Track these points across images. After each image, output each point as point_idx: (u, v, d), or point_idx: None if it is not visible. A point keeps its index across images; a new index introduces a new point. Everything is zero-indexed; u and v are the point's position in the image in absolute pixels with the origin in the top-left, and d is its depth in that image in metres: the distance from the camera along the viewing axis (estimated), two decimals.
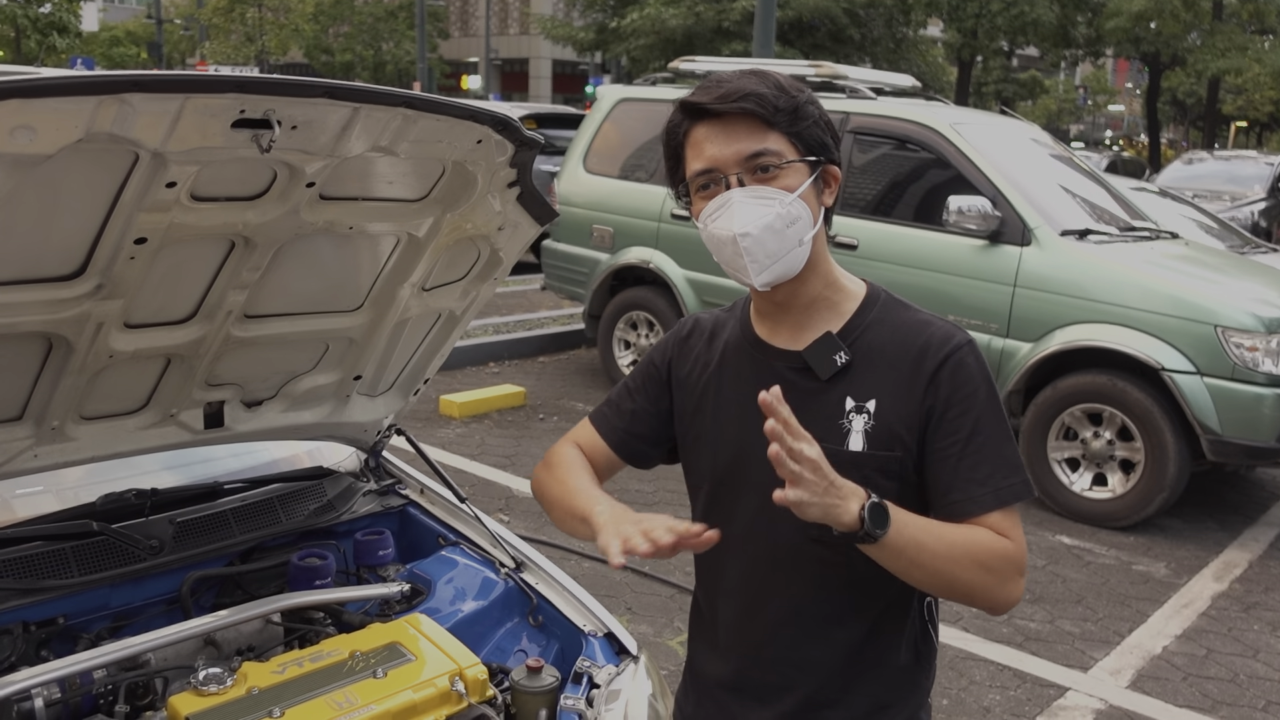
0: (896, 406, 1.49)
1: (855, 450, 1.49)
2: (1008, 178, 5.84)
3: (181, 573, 2.31)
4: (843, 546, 1.49)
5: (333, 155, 1.74)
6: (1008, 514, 1.47)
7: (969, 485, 1.46)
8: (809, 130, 1.48)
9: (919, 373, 1.49)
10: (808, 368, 1.54)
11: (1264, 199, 15.70)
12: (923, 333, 1.52)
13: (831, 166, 1.52)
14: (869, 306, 1.57)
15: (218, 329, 2.08)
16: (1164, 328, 5.21)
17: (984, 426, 1.47)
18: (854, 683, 1.59)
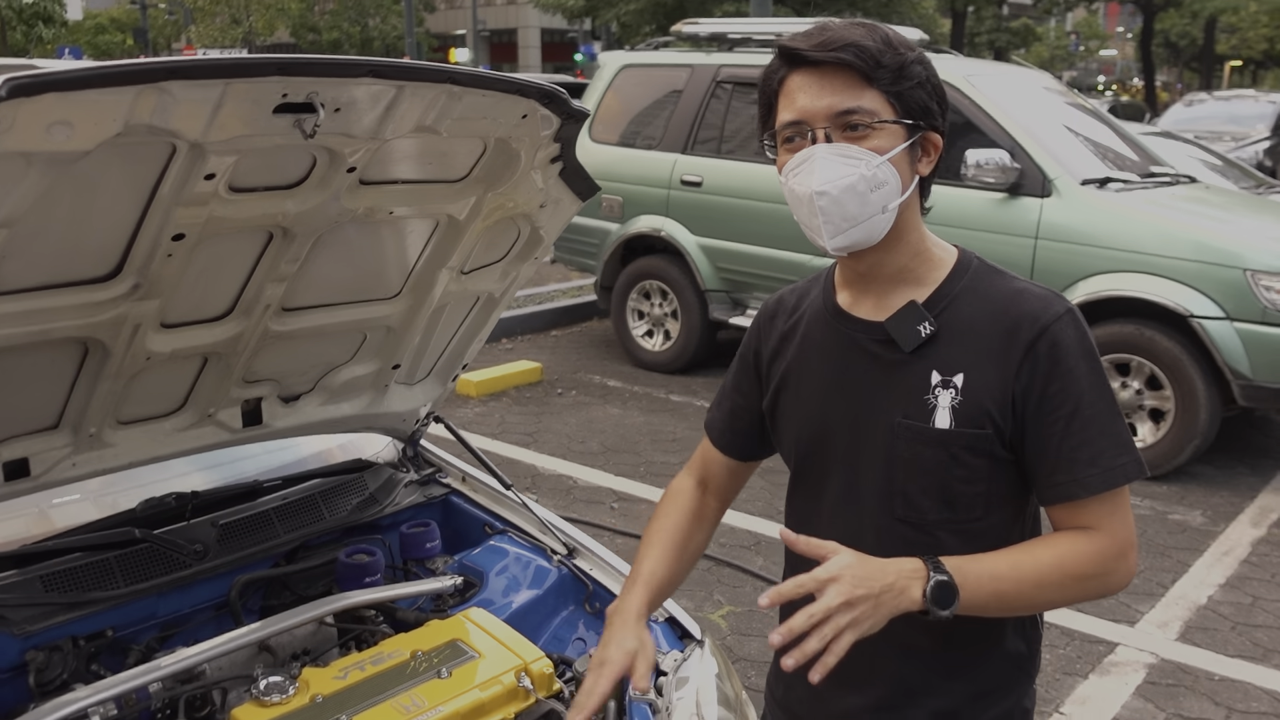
0: (987, 382, 1.40)
1: (942, 428, 1.41)
2: (1024, 129, 5.73)
3: (228, 577, 2.24)
4: (932, 526, 1.44)
5: (376, 138, 1.65)
6: (1115, 494, 1.39)
7: (1074, 466, 1.38)
8: (912, 91, 1.38)
9: (1012, 347, 1.39)
10: (890, 339, 1.45)
11: (1268, 138, 15.56)
12: (1017, 303, 1.42)
13: (933, 134, 1.42)
14: (959, 275, 1.47)
15: (255, 324, 2.00)
16: (1191, 274, 5.12)
17: (1088, 403, 1.37)
18: (954, 669, 1.51)
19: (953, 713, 1.37)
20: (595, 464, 5.55)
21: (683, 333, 7.07)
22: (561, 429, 6.11)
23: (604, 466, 5.51)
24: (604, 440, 5.92)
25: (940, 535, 1.44)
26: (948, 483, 1.42)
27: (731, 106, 6.82)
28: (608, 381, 7.04)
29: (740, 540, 4.61)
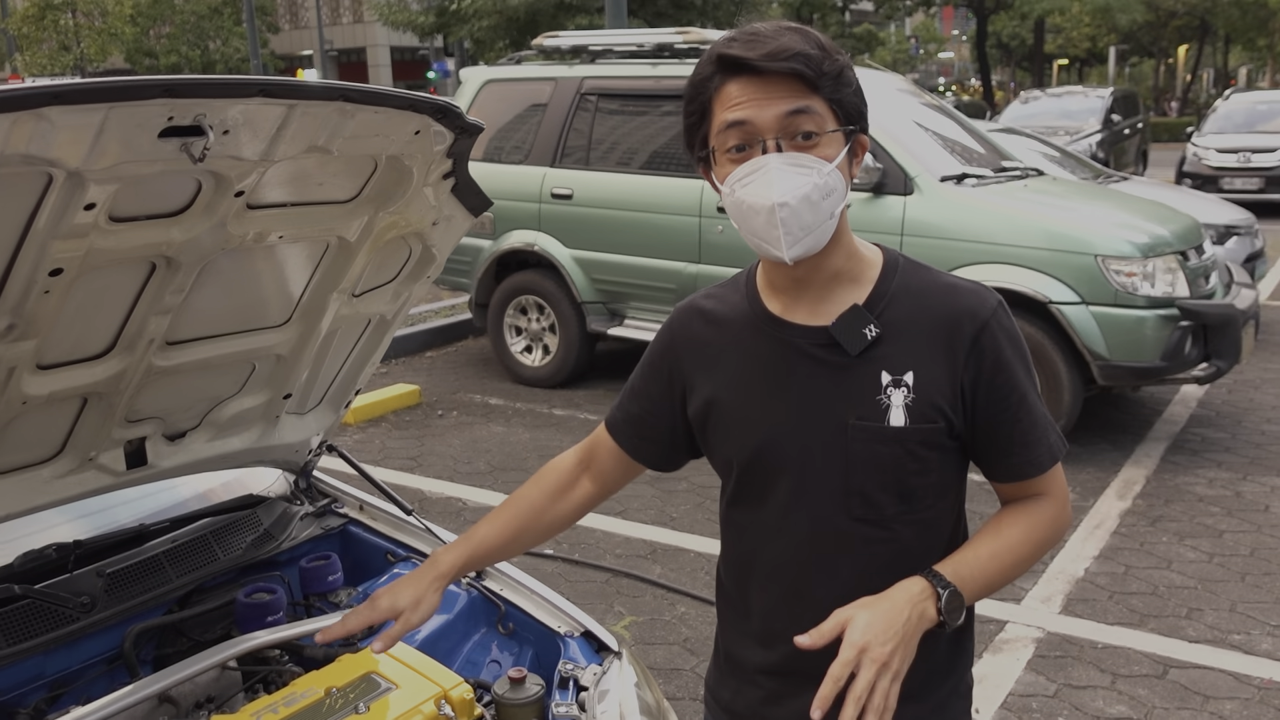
0: (935, 377, 1.43)
1: (898, 426, 1.43)
2: (885, 129, 5.92)
3: (119, 628, 2.13)
4: (890, 521, 1.47)
5: (266, 160, 1.59)
6: (1057, 465, 1.52)
7: (1026, 448, 1.47)
8: (850, 98, 1.39)
9: (956, 341, 1.43)
10: (833, 343, 1.46)
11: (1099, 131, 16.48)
12: (953, 298, 1.46)
13: (863, 136, 1.44)
14: (890, 273, 1.49)
15: (139, 360, 1.91)
16: (1047, 262, 5.37)
17: (1026, 388, 1.46)
18: (937, 695, 1.57)
19: (908, 695, 1.40)
20: (484, 484, 5.48)
21: (562, 346, 7.05)
22: (446, 451, 6.01)
23: (493, 486, 5.45)
24: (490, 459, 5.85)
25: (897, 529, 1.47)
26: (903, 477, 1.45)
27: (598, 118, 6.84)
28: (489, 400, 6.97)
29: (636, 550, 4.62)
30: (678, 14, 22.45)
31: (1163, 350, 5.27)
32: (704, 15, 22.92)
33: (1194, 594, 4.12)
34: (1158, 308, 5.28)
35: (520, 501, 1.72)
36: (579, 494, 1.73)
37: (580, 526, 4.88)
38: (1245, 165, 15.47)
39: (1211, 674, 3.54)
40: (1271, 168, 15.29)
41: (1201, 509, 4.97)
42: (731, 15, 23.79)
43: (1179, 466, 5.51)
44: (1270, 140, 15.52)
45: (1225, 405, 6.54)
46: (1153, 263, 5.33)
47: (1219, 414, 6.38)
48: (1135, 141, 18.04)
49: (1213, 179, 15.34)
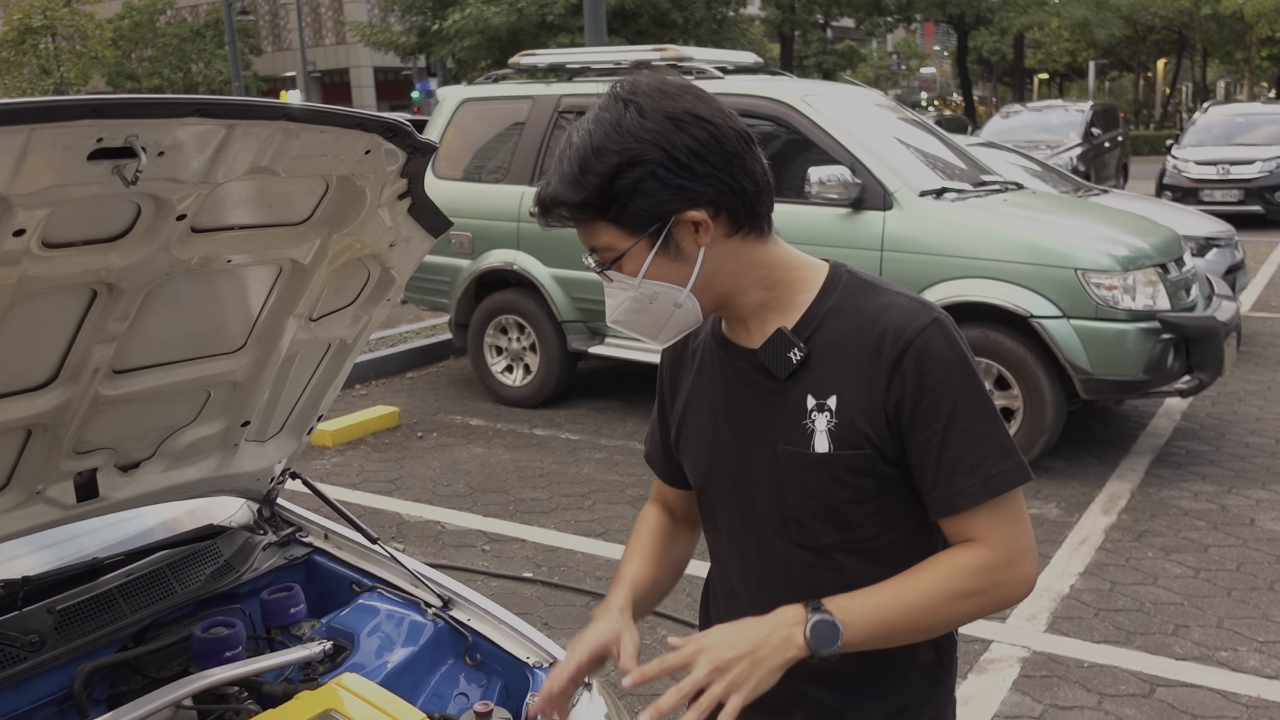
0: (859, 401, 1.37)
1: (821, 452, 1.39)
2: (863, 145, 5.89)
3: (70, 667, 2.05)
4: (829, 550, 1.43)
5: (206, 181, 1.54)
6: (1001, 502, 1.35)
7: (954, 478, 1.35)
8: (629, 209, 1.32)
9: (879, 364, 1.36)
10: (763, 367, 1.44)
11: (1079, 144, 16.53)
12: (881, 318, 1.38)
13: (684, 216, 1.33)
14: (827, 293, 1.43)
15: (84, 390, 1.84)
16: (1028, 276, 5.35)
17: (963, 411, 1.34)
18: (871, 687, 1.49)
19: None
20: (463, 506, 5.41)
21: (542, 366, 6.99)
22: (425, 473, 5.94)
23: (472, 508, 5.37)
24: (470, 481, 5.78)
25: (838, 558, 1.43)
26: (835, 505, 1.40)
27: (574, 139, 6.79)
28: (469, 420, 6.90)
29: (606, 571, 4.54)
30: (659, 32, 22.52)
31: (1145, 363, 5.24)
32: (685, 33, 23.00)
33: (1180, 610, 4.08)
34: (1139, 321, 5.25)
35: (647, 544, 1.68)
36: (684, 534, 1.73)
37: (559, 549, 4.81)
38: (1224, 177, 15.55)
39: (1199, 692, 3.48)
40: (1250, 179, 15.37)
41: (1187, 523, 4.93)
42: (713, 32, 23.88)
43: (1164, 480, 5.48)
44: (1248, 152, 15.61)
45: (1209, 418, 6.52)
46: (1133, 275, 5.30)
47: (1203, 426, 6.36)
48: (1116, 155, 18.12)
49: (1192, 191, 15.41)
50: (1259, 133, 16.28)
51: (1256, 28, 29.73)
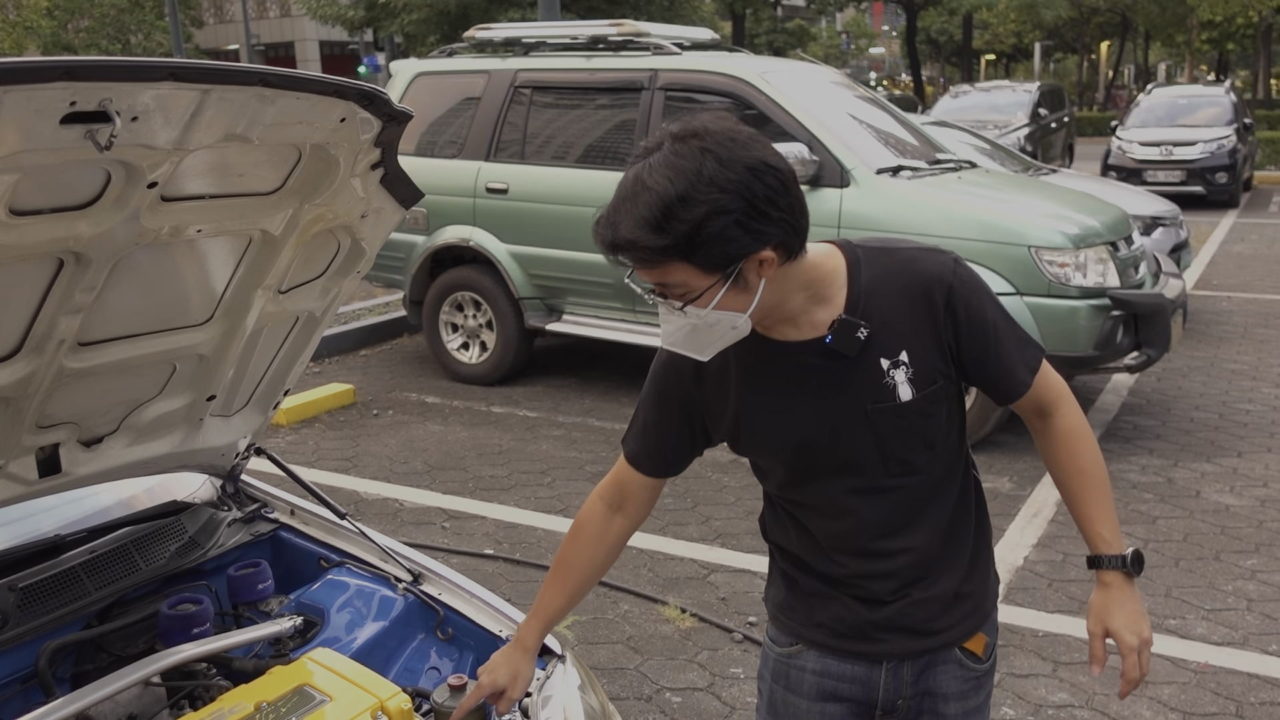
0: (926, 345, 1.62)
1: (908, 399, 1.63)
2: (820, 122, 5.91)
3: (33, 645, 2.02)
4: (922, 468, 1.69)
5: (179, 149, 1.50)
6: (1041, 372, 1.70)
7: (1010, 374, 1.67)
8: (711, 250, 1.43)
9: (932, 310, 1.61)
10: (831, 351, 1.63)
11: (1027, 124, 16.70)
12: (917, 270, 1.63)
13: (757, 256, 1.46)
14: (856, 272, 1.64)
15: (48, 363, 1.80)
16: (982, 253, 5.40)
17: (997, 322, 1.65)
18: (979, 564, 1.82)
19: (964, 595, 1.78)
20: (421, 484, 5.38)
21: (499, 343, 6.95)
22: (381, 451, 5.89)
23: (430, 486, 5.35)
24: (427, 459, 5.74)
25: (928, 470, 1.70)
26: (925, 433, 1.66)
27: (532, 111, 6.75)
28: (425, 398, 6.85)
29: None
30: (610, 9, 22.34)
31: (1095, 339, 5.34)
32: (637, 10, 22.85)
33: None
34: (1090, 298, 5.34)
35: (571, 562, 1.90)
36: (615, 532, 1.90)
37: (520, 525, 4.81)
38: (1167, 158, 15.82)
39: (1150, 660, 3.57)
40: (1192, 160, 15.65)
41: (1135, 496, 5.04)
42: (664, 9, 23.75)
43: (1112, 454, 5.59)
44: (1191, 134, 15.89)
45: (1155, 393, 6.66)
46: (1084, 253, 5.39)
47: (1149, 402, 6.49)
48: (1062, 135, 18.34)
49: (1136, 172, 15.67)
50: (1200, 114, 16.59)
51: (1198, 10, 30.19)
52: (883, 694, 1.81)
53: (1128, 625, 1.69)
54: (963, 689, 1.81)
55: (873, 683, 1.80)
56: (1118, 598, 1.70)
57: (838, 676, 1.82)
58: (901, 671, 1.79)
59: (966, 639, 1.79)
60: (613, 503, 1.88)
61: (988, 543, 1.86)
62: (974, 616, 1.79)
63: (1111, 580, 1.70)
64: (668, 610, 3.97)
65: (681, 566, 4.36)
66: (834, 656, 1.82)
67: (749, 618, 3.89)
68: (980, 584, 1.81)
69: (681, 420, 1.78)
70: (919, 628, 1.76)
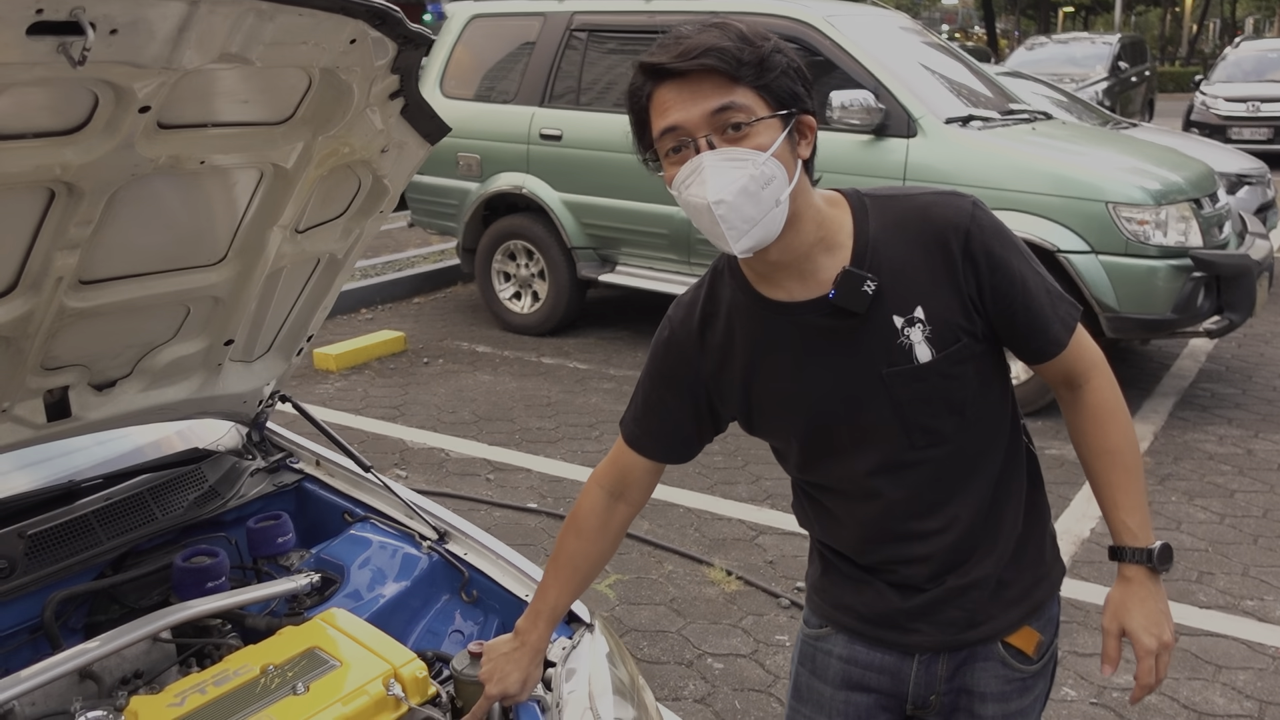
0: (944, 300, 1.47)
1: (926, 361, 1.48)
2: (887, 69, 5.66)
3: (41, 594, 1.94)
4: (950, 437, 1.53)
5: (169, 68, 1.37)
6: (1076, 334, 1.53)
7: (1041, 331, 1.50)
8: (778, 81, 1.39)
9: (949, 259, 1.46)
10: (838, 309, 1.48)
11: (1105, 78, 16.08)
12: (930, 217, 1.47)
13: (806, 116, 1.43)
14: (862, 220, 1.49)
15: (47, 301, 1.70)
16: (1055, 209, 5.14)
17: (1024, 271, 1.48)
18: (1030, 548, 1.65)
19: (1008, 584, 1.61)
20: (468, 434, 5.29)
21: (551, 293, 6.83)
22: (430, 400, 5.82)
23: (477, 436, 5.26)
24: (475, 409, 5.66)
25: (959, 439, 1.54)
26: (950, 398, 1.51)
27: (588, 56, 6.56)
28: (476, 347, 6.76)
29: None
30: None
31: (1174, 302, 5.06)
32: None
33: (1204, 557, 3.95)
34: (1170, 258, 5.05)
35: (571, 557, 1.78)
36: (618, 521, 1.78)
37: (565, 479, 4.71)
38: (1254, 115, 15.14)
39: (1224, 642, 3.37)
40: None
41: (1212, 467, 4.78)
42: None
43: (1188, 423, 5.33)
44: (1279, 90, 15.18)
45: (1235, 360, 6.34)
46: (1165, 210, 5.09)
47: (1229, 369, 6.18)
48: (1142, 90, 17.65)
49: (1220, 129, 15.02)
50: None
51: None
52: (913, 687, 1.65)
53: (1147, 625, 1.52)
54: (1004, 690, 1.64)
55: (903, 675, 1.65)
56: (1139, 594, 1.53)
57: (865, 665, 1.67)
58: (935, 665, 1.64)
59: (1010, 633, 1.62)
60: (613, 490, 1.76)
61: (1043, 524, 1.68)
62: (1019, 607, 1.62)
63: (1134, 575, 1.54)
64: (713, 572, 3.85)
65: (729, 527, 4.23)
66: (862, 643, 1.67)
67: (797, 583, 3.75)
68: (1030, 571, 1.63)
69: (685, 398, 1.64)
70: (955, 619, 1.60)
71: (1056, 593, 1.68)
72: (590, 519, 1.77)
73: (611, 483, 1.77)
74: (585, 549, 1.78)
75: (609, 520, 1.77)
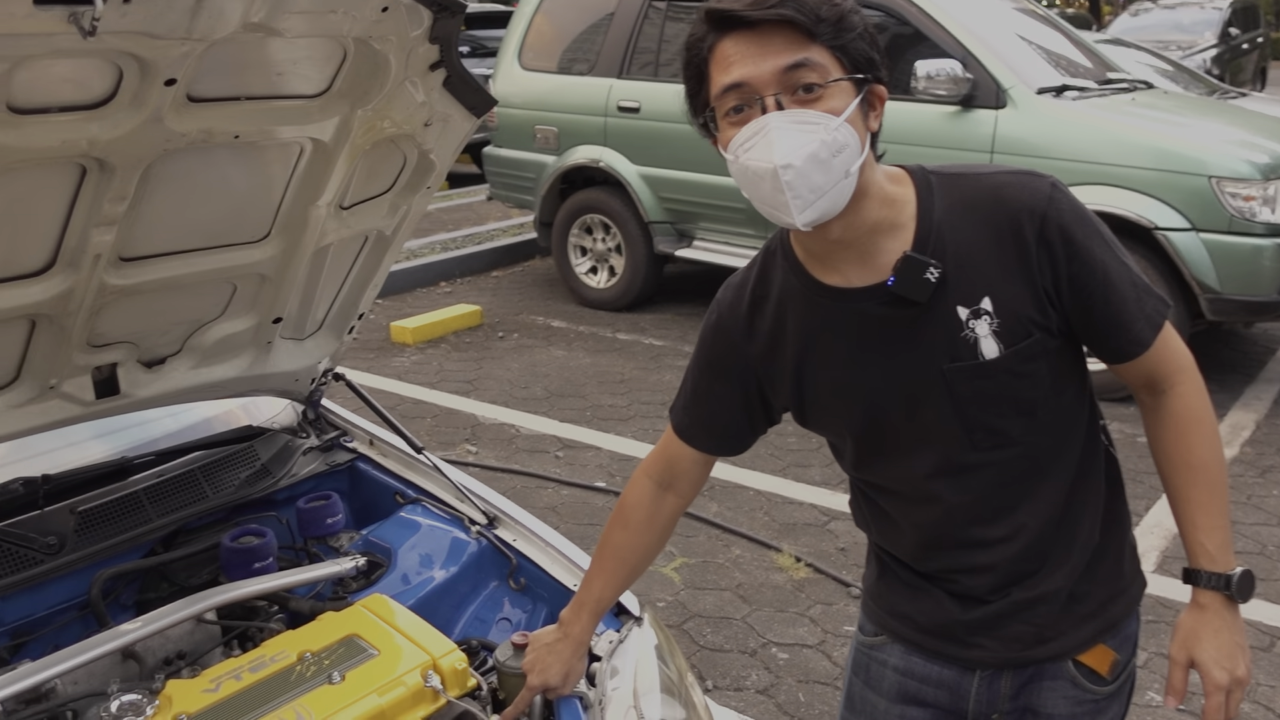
0: (1015, 291, 1.34)
1: (993, 357, 1.36)
2: (976, 36, 5.43)
3: (90, 571, 1.94)
4: (1019, 438, 1.41)
5: (190, 38, 1.32)
6: (1164, 333, 1.40)
7: (1124, 327, 1.38)
8: (855, 44, 1.27)
9: (1022, 246, 1.33)
10: (897, 297, 1.37)
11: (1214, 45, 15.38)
12: (1002, 201, 1.35)
13: (879, 86, 1.32)
14: (927, 200, 1.37)
15: (87, 278, 1.67)
16: (1154, 183, 4.88)
17: (1107, 261, 1.35)
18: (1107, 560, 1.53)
19: None
20: (539, 410, 5.26)
21: (627, 268, 6.75)
22: (503, 374, 5.80)
23: (548, 412, 5.23)
24: (548, 384, 5.62)
25: (1028, 440, 1.42)
26: (1018, 398, 1.39)
27: (668, 25, 6.44)
28: (551, 322, 6.73)
29: None
30: None
31: None
32: None
33: None
34: (1278, 236, 4.76)
35: (617, 549, 1.71)
36: (666, 513, 1.70)
37: (635, 458, 4.64)
38: None
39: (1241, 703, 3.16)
40: None
41: None
42: None
43: None
44: None
45: None
46: (1274, 185, 4.80)
47: None
48: (1254, 58, 16.85)
49: None
50: None
51: None
52: (974, 705, 1.54)
53: (1218, 658, 1.38)
54: (1074, 712, 1.52)
55: (962, 691, 1.54)
56: (1212, 623, 1.39)
57: (922, 678, 1.56)
58: (999, 682, 1.52)
59: (1082, 651, 1.50)
60: (661, 481, 1.68)
61: (1122, 534, 1.55)
62: (1093, 624, 1.50)
63: (1208, 602, 1.40)
64: (782, 558, 3.75)
65: (800, 511, 4.12)
66: (920, 655, 1.56)
67: None
68: (1106, 586, 1.51)
69: (735, 386, 1.55)
70: (1021, 634, 1.49)
71: (1135, 609, 1.55)
72: (637, 510, 1.70)
73: (660, 473, 1.69)
74: (632, 541, 1.71)
75: (656, 512, 1.70)
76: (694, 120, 1.38)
